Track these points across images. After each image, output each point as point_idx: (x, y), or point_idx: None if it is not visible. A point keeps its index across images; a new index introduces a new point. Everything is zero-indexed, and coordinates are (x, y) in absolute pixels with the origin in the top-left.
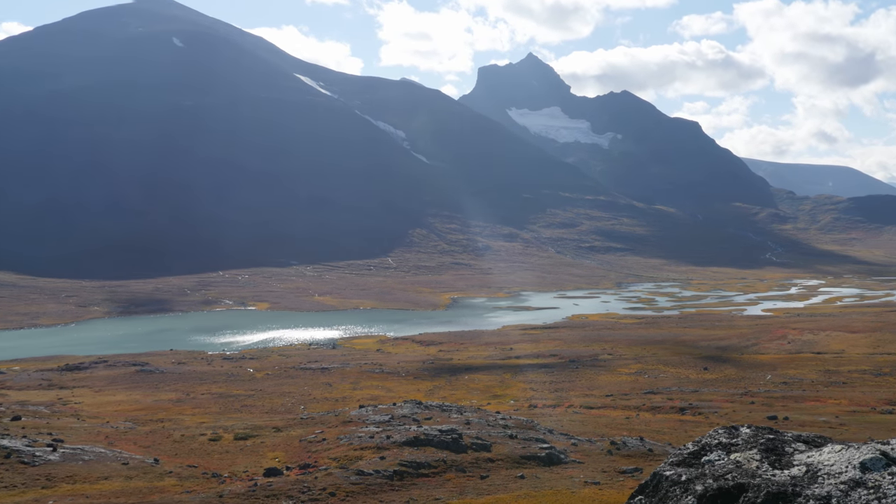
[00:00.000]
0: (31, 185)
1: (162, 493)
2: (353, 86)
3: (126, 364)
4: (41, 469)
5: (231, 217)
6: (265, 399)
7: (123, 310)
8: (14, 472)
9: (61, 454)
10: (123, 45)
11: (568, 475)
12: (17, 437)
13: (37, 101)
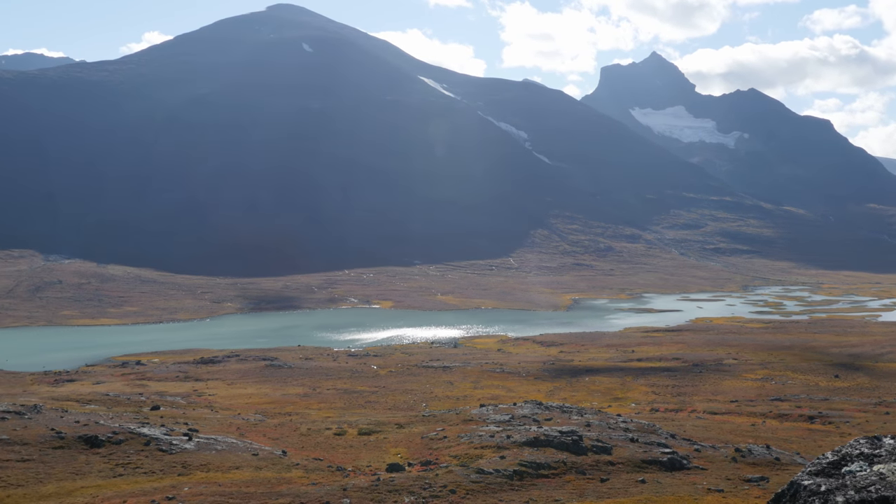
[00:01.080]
0: (170, 186)
1: (289, 484)
2: (476, 87)
3: (256, 359)
4: (177, 457)
5: (357, 217)
6: (388, 396)
7: (254, 306)
8: (153, 458)
9: (196, 443)
10: (256, 52)
11: (690, 481)
12: (156, 425)
13: (176, 107)
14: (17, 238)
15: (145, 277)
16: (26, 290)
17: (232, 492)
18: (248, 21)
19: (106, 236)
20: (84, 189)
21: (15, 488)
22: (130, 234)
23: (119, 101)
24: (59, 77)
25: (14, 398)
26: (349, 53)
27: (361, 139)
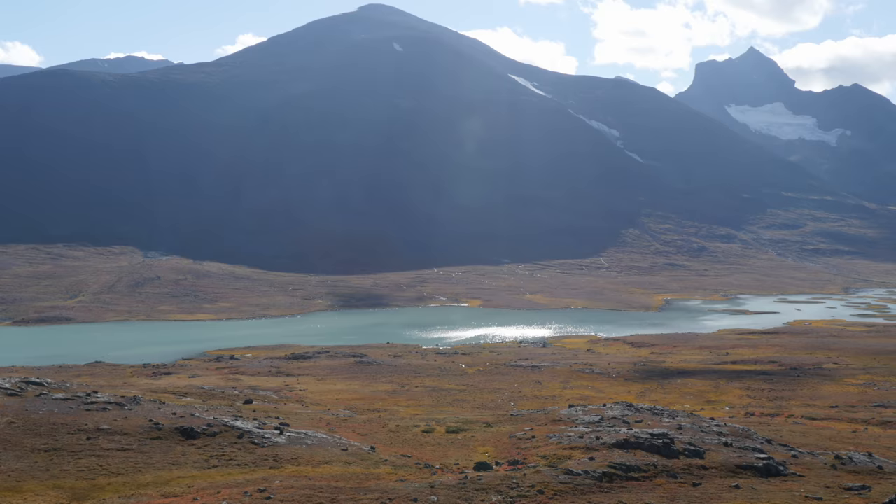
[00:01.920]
0: (263, 185)
1: (377, 479)
2: (567, 85)
3: (346, 355)
4: (269, 450)
5: (446, 216)
6: (476, 394)
7: (344, 304)
8: (245, 451)
9: (287, 437)
10: (348, 52)
11: (787, 488)
12: (248, 419)
13: (269, 108)
14: (119, 235)
15: (239, 274)
16: (127, 286)
17: (321, 486)
18: (339, 21)
19: (202, 234)
20: (182, 188)
21: (115, 476)
22: (225, 231)
23: (215, 102)
24: (158, 79)
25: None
26: (439, 53)
27: (451, 138)
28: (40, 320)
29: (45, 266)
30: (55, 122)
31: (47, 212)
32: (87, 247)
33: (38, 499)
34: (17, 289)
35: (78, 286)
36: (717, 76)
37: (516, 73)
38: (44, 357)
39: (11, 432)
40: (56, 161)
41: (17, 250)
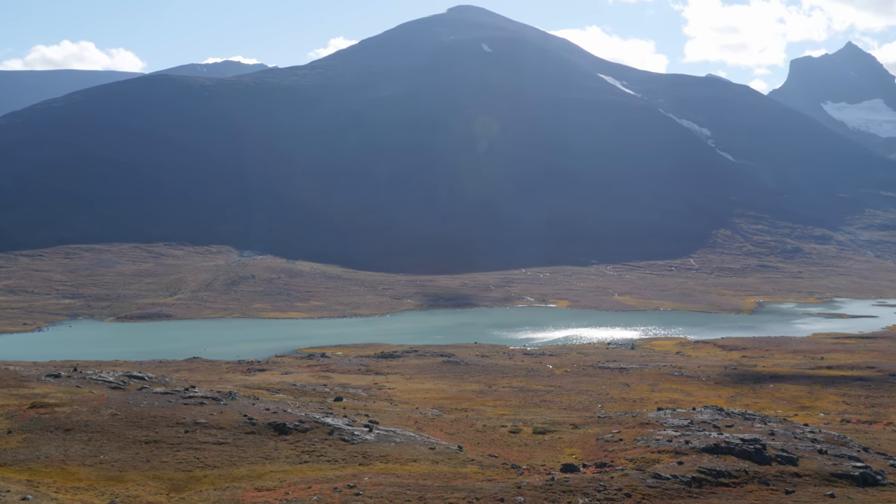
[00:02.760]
0: (354, 186)
1: (465, 479)
2: (657, 84)
3: (434, 355)
4: (358, 447)
5: (534, 216)
6: (563, 395)
7: (432, 303)
8: (336, 447)
9: (376, 435)
10: (437, 53)
11: (885, 498)
12: (338, 416)
13: (360, 109)
14: (216, 235)
15: (330, 273)
16: (223, 284)
17: (409, 483)
18: (428, 23)
19: (295, 234)
20: (276, 189)
21: (211, 469)
22: (317, 231)
23: (307, 105)
24: (254, 82)
25: (211, 385)
26: (528, 53)
27: (540, 138)
28: (142, 316)
29: (146, 264)
30: (156, 126)
31: (149, 212)
32: (185, 246)
33: (139, 488)
34: (121, 286)
35: (177, 284)
36: (812, 72)
37: (605, 73)
38: (145, 352)
39: (115, 424)
40: (157, 163)
41: (121, 249)
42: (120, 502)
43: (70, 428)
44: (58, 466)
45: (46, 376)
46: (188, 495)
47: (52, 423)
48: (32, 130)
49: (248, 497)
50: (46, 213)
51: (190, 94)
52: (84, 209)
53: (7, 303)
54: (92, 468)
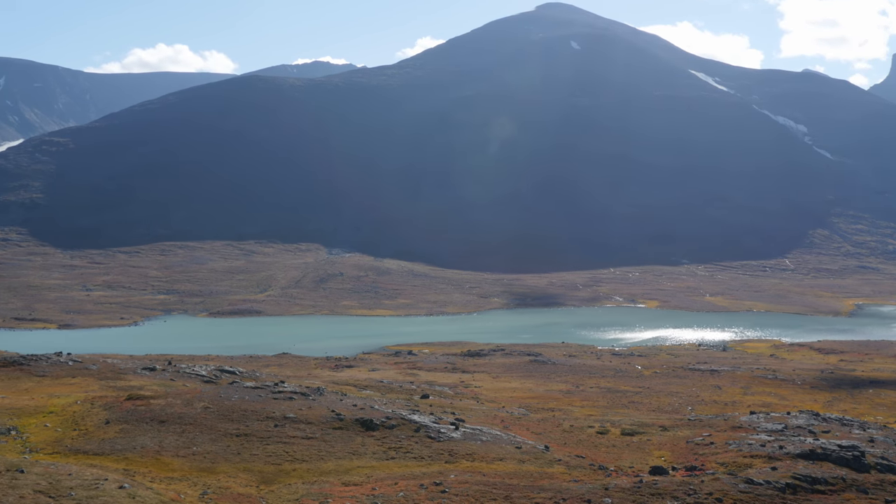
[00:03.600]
0: (441, 185)
1: (551, 479)
2: (751, 79)
3: (521, 354)
4: (445, 445)
5: (623, 214)
6: (652, 397)
7: (519, 302)
8: (422, 444)
9: (462, 433)
10: (525, 51)
11: None
12: (425, 413)
13: (447, 108)
14: (305, 233)
15: (417, 272)
16: (312, 282)
17: (495, 482)
18: (517, 21)
19: (382, 232)
20: (364, 188)
21: (300, 463)
22: (405, 229)
23: (395, 104)
24: (343, 82)
25: (300, 380)
26: (617, 49)
27: (629, 136)
28: (233, 312)
29: (238, 262)
30: (248, 126)
31: (241, 211)
32: (276, 244)
33: (230, 480)
34: (214, 282)
35: (267, 281)
36: None
37: (697, 69)
38: (236, 347)
39: (207, 417)
40: (249, 163)
41: (214, 246)
42: (212, 493)
43: (164, 420)
44: (153, 457)
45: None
46: (277, 488)
47: (147, 414)
48: (129, 132)
49: (335, 491)
50: (143, 211)
51: (280, 95)
52: (178, 208)
53: (105, 298)
54: (185, 459)
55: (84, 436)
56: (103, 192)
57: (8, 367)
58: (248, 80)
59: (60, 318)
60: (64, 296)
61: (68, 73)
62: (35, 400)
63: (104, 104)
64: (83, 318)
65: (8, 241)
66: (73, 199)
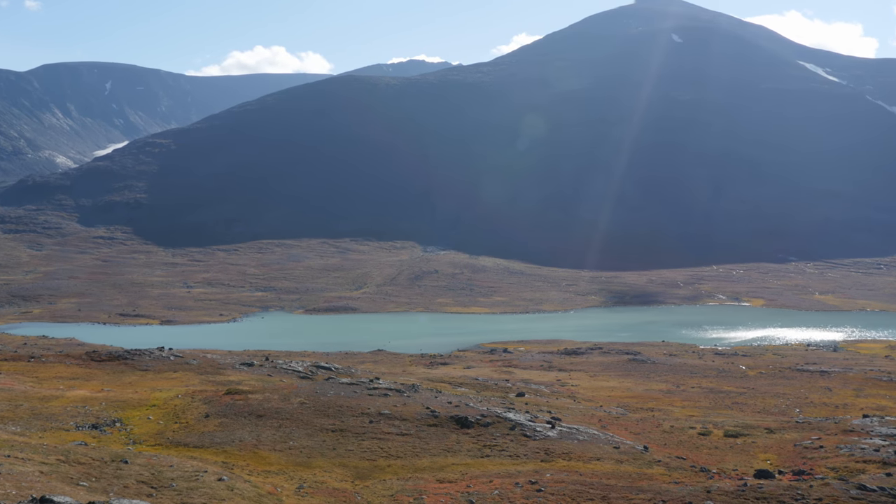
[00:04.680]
0: (538, 182)
1: (650, 480)
2: (864, 69)
3: (619, 352)
4: (540, 443)
5: (726, 210)
6: (757, 398)
7: (617, 300)
8: (517, 443)
9: (558, 432)
10: (624, 45)
11: None
12: (520, 411)
13: (544, 105)
14: (400, 230)
15: (513, 269)
16: (407, 279)
17: (592, 482)
18: (615, 15)
19: (477, 229)
20: (459, 185)
21: (395, 459)
22: (500, 227)
23: (490, 101)
24: (438, 80)
25: (395, 377)
26: (721, 41)
27: (733, 130)
28: (329, 309)
29: (333, 259)
30: (344, 125)
31: (336, 209)
32: (371, 241)
33: (325, 475)
34: (310, 279)
35: (363, 278)
36: None
37: (806, 59)
38: (332, 343)
39: (303, 412)
40: (344, 161)
41: (310, 244)
42: (308, 487)
43: (262, 414)
44: (250, 450)
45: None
46: (372, 484)
47: (245, 409)
48: (229, 132)
49: (429, 488)
50: (241, 209)
51: (376, 94)
52: (276, 206)
53: (205, 295)
54: (282, 453)
55: (185, 429)
56: (203, 192)
57: (113, 361)
58: (344, 79)
59: (162, 314)
60: (166, 293)
61: (170, 77)
62: (138, 393)
63: (204, 106)
64: (184, 314)
65: (114, 240)
66: (174, 199)
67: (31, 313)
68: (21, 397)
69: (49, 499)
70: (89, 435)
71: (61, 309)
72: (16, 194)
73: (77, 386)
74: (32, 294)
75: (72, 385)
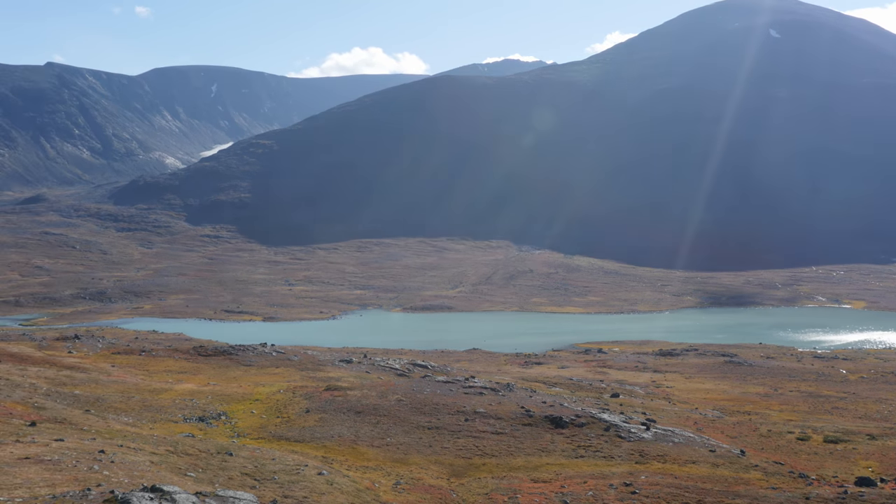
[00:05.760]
0: (632, 182)
1: (747, 485)
2: None
3: (715, 354)
4: (635, 445)
5: (826, 210)
6: (858, 403)
7: (712, 301)
8: (612, 444)
9: (653, 433)
10: (719, 42)
11: None
12: (615, 412)
13: (639, 103)
14: (495, 230)
15: (608, 269)
16: (502, 278)
17: (688, 485)
18: (711, 11)
19: (572, 228)
20: (554, 184)
21: (489, 457)
22: (594, 226)
23: (585, 100)
24: (533, 79)
25: (490, 376)
26: (820, 36)
27: (833, 127)
28: (425, 308)
29: (430, 258)
30: (441, 125)
31: (433, 208)
32: (466, 240)
33: (421, 471)
34: (407, 278)
35: (458, 277)
36: None
37: None
38: (428, 342)
39: (400, 409)
40: (441, 160)
41: (408, 243)
42: (404, 483)
43: (360, 410)
44: (349, 446)
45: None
46: (467, 481)
47: (344, 405)
48: (329, 133)
49: (524, 487)
50: (341, 209)
51: (471, 93)
52: (374, 205)
53: (306, 292)
54: (379, 449)
55: (286, 423)
56: (304, 191)
57: (219, 356)
58: (440, 80)
59: (265, 310)
60: (268, 290)
61: (273, 79)
62: (242, 388)
63: (305, 107)
64: (285, 311)
65: (219, 239)
66: (277, 198)
67: (142, 309)
68: (133, 389)
69: (159, 488)
70: (196, 427)
71: (170, 305)
72: (128, 194)
73: (185, 379)
74: (143, 290)
75: (180, 378)
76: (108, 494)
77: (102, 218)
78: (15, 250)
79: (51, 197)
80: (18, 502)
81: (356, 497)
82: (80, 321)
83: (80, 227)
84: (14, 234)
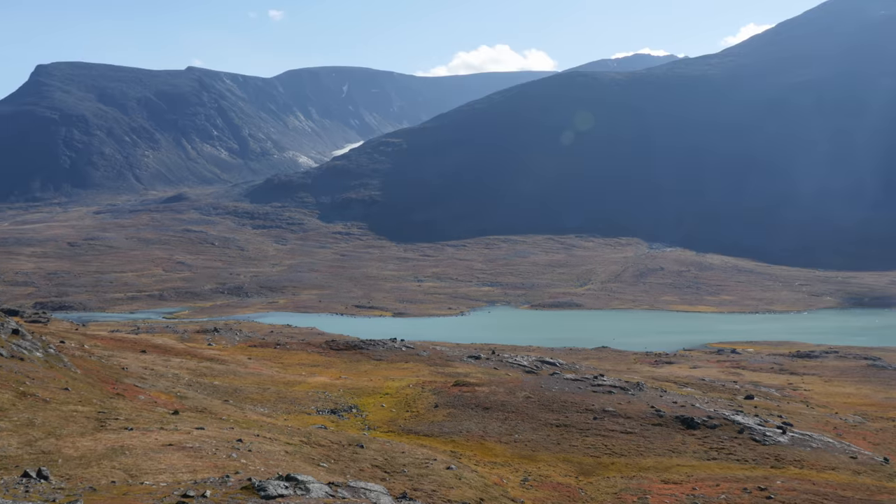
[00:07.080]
0: (769, 176)
1: (891, 494)
2: None
3: (856, 357)
4: (770, 449)
5: None
6: None
7: (854, 302)
8: (746, 447)
9: (790, 438)
10: (863, 32)
11: None
12: (749, 414)
13: (776, 96)
14: (624, 227)
15: (742, 267)
16: (632, 276)
17: (826, 492)
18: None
19: (704, 226)
20: (686, 181)
21: (618, 457)
22: (728, 223)
23: (718, 95)
24: (664, 74)
25: (619, 374)
26: None
27: None
28: (553, 305)
29: (558, 255)
30: (569, 122)
31: (561, 205)
32: (595, 238)
33: (549, 469)
34: (535, 275)
35: (587, 275)
36: None
37: None
38: (556, 339)
39: (528, 406)
40: (568, 157)
41: (536, 240)
42: (532, 480)
43: (488, 406)
44: (477, 441)
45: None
46: (596, 480)
47: (472, 400)
48: (457, 130)
49: (654, 488)
50: (469, 206)
51: (601, 90)
52: (502, 202)
53: (435, 288)
54: (507, 446)
55: (415, 417)
56: (433, 189)
57: (350, 350)
58: (569, 76)
59: (395, 306)
60: (398, 286)
61: (402, 78)
62: (372, 381)
63: (434, 105)
64: (414, 307)
65: (350, 235)
66: (406, 196)
67: (277, 303)
68: (268, 381)
69: (294, 477)
70: (328, 419)
71: (303, 300)
72: (263, 192)
73: (317, 373)
74: (278, 285)
75: (313, 371)
76: (246, 482)
77: (239, 215)
78: (159, 246)
79: (191, 195)
80: (163, 486)
81: (484, 492)
82: (219, 315)
83: (219, 224)
84: (158, 231)
